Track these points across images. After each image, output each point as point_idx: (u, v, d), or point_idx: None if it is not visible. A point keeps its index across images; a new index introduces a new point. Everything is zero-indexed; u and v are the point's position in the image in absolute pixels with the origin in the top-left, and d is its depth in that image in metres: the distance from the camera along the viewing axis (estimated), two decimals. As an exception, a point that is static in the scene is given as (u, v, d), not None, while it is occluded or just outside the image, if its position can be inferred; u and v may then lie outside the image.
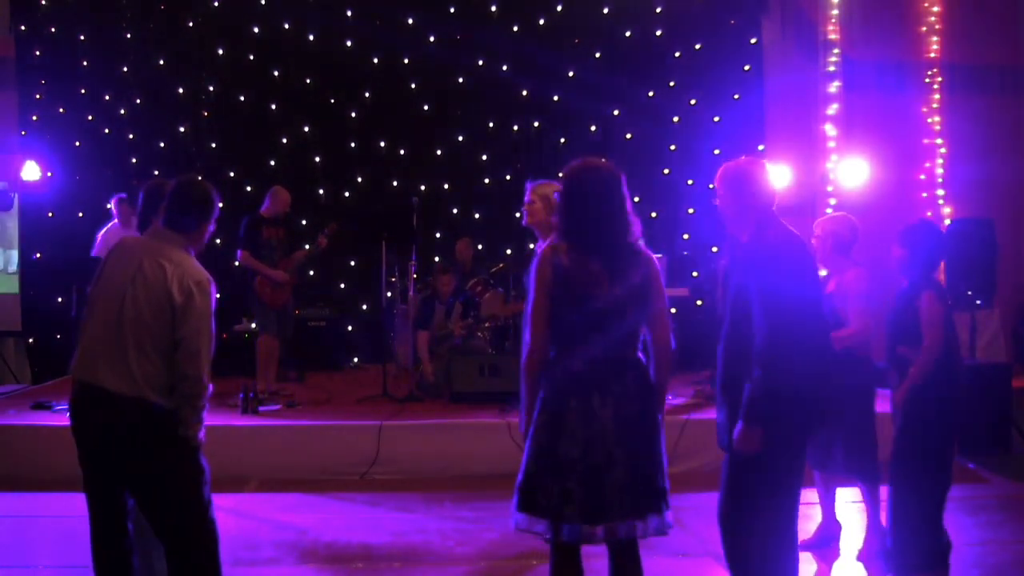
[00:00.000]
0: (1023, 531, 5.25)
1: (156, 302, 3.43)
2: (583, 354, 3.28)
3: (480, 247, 10.60)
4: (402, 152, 10.91)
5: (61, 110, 10.22)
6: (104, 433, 3.48)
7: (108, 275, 3.58)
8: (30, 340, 10.08)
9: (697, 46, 10.72)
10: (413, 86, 10.89)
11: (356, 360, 10.69)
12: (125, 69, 10.41)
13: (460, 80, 10.84)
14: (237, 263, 8.23)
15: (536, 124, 10.99)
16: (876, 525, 4.81)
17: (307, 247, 9.01)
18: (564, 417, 3.24)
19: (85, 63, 10.32)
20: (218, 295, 3.60)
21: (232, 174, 10.62)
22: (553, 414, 3.26)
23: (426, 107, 10.92)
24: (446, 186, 10.98)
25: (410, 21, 10.80)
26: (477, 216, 10.99)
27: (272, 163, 10.66)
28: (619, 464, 3.22)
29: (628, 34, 10.80)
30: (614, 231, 3.34)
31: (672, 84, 10.79)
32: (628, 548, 3.33)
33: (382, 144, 10.86)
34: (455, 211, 10.98)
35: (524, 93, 10.79)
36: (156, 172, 10.32)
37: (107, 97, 10.37)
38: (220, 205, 3.79)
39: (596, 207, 3.35)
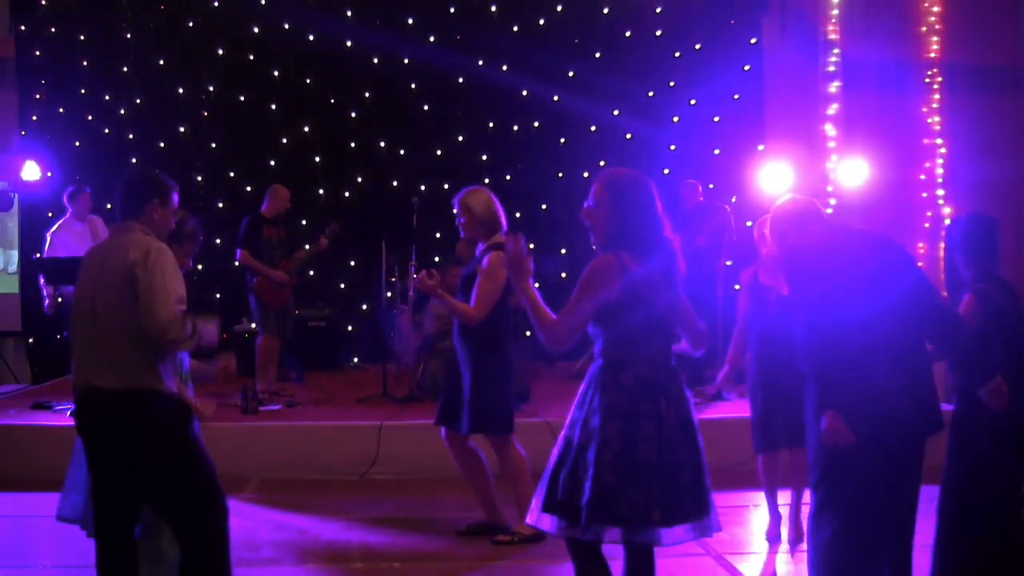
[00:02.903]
0: None
1: (125, 286, 3.47)
2: (648, 359, 3.30)
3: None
4: (402, 152, 10.91)
5: (61, 110, 10.21)
6: (108, 430, 3.52)
7: (81, 284, 3.63)
8: (30, 340, 10.07)
9: (697, 46, 10.71)
10: (413, 86, 10.88)
11: (356, 360, 10.69)
12: (125, 69, 10.40)
13: (460, 80, 10.83)
14: (237, 263, 8.22)
15: (536, 124, 10.98)
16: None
17: (307, 247, 9.01)
18: (638, 423, 3.22)
19: (85, 63, 10.31)
20: (217, 295, 3.65)
21: (232, 174, 10.62)
22: (626, 421, 3.23)
23: (426, 107, 10.92)
24: (446, 186, 10.95)
25: (410, 21, 10.80)
26: (477, 216, 10.96)
27: (272, 163, 10.66)
28: (687, 466, 3.27)
29: (628, 34, 10.79)
30: (663, 232, 3.39)
31: (672, 84, 10.78)
32: (648, 548, 3.36)
33: (382, 144, 10.85)
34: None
35: (524, 93, 10.77)
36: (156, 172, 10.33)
37: (107, 97, 10.36)
38: (174, 189, 3.79)
39: (647, 210, 3.37)
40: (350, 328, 10.72)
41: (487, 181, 10.90)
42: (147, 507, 3.68)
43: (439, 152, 10.94)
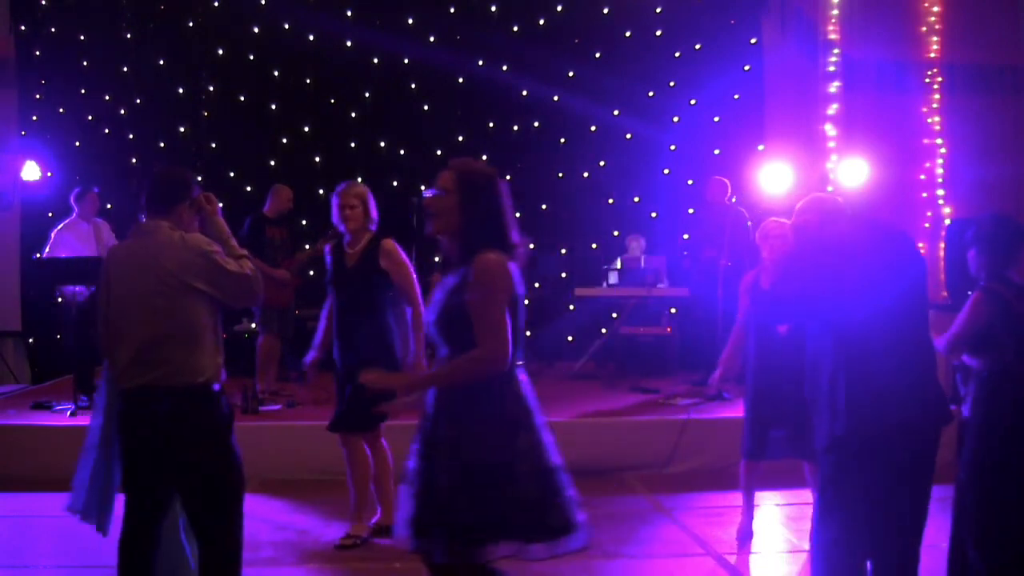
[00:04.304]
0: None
1: (179, 288, 3.49)
2: (520, 363, 3.18)
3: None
4: (402, 152, 10.92)
5: (61, 110, 10.22)
6: (164, 426, 3.51)
7: (119, 285, 3.58)
8: (30, 340, 10.08)
9: (697, 46, 10.72)
10: (413, 86, 10.89)
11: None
12: (125, 69, 10.41)
13: (460, 80, 10.84)
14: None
15: (536, 124, 10.99)
16: None
17: (308, 247, 9.02)
18: (535, 430, 3.10)
19: (85, 63, 10.32)
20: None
21: (232, 174, 10.62)
22: (528, 431, 3.07)
23: (426, 107, 10.93)
24: (446, 186, 10.97)
25: (410, 21, 10.81)
26: (477, 216, 10.97)
27: (272, 163, 10.66)
28: None
29: (628, 34, 10.80)
30: (516, 233, 3.24)
31: (672, 84, 10.79)
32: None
33: (382, 144, 10.86)
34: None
35: (524, 93, 10.78)
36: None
37: (107, 97, 10.36)
38: (198, 188, 3.83)
39: (506, 208, 3.20)
40: (350, 328, 10.71)
41: (487, 181, 10.95)
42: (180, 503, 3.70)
43: (439, 152, 10.94)
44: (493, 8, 10.88)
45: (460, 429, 3.04)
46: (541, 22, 10.89)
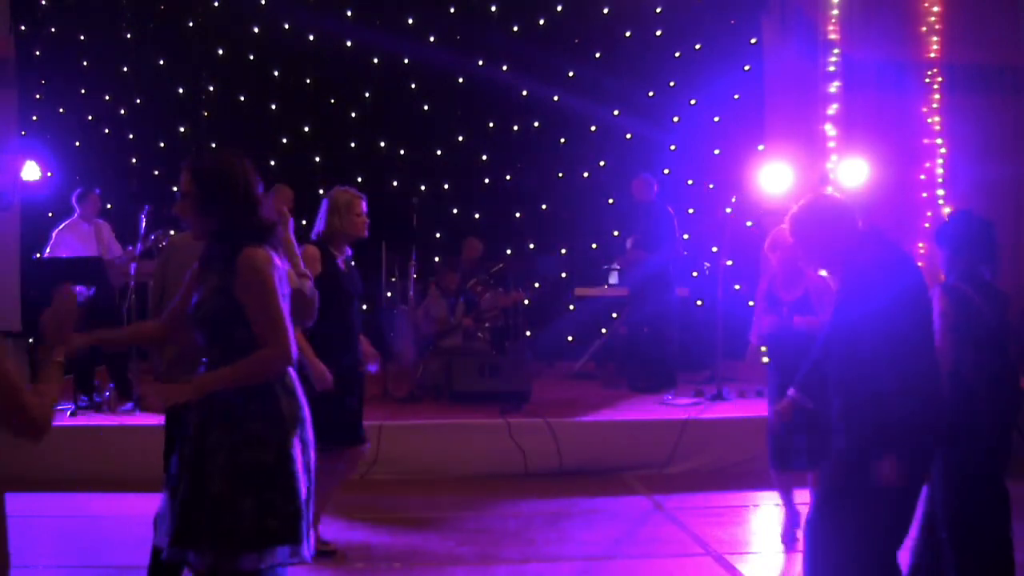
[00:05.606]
0: (1022, 531, 5.24)
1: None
2: None
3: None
4: (402, 152, 10.93)
5: (61, 110, 10.22)
6: None
7: (176, 280, 3.59)
8: (30, 340, 10.07)
9: (697, 46, 10.73)
10: (413, 86, 10.90)
11: (356, 360, 10.68)
12: (125, 69, 10.42)
13: (460, 80, 10.86)
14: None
15: (536, 124, 11.00)
16: None
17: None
18: (307, 428, 3.04)
19: (85, 63, 10.33)
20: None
21: (232, 174, 10.63)
22: (303, 427, 3.01)
23: (426, 107, 10.94)
24: (446, 186, 10.99)
25: (410, 21, 10.82)
26: (477, 216, 10.99)
27: (272, 163, 10.67)
28: None
29: (628, 34, 10.81)
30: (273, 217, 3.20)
31: (672, 84, 10.80)
32: None
33: (382, 144, 10.87)
34: (455, 211, 11.00)
35: (524, 93, 10.79)
36: (156, 172, 10.35)
37: (107, 97, 10.38)
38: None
39: (252, 191, 3.12)
40: (350, 328, 10.71)
41: (487, 181, 10.97)
42: None
43: (439, 152, 10.96)
44: (493, 8, 10.89)
45: (236, 431, 2.89)
46: (541, 22, 10.91)
